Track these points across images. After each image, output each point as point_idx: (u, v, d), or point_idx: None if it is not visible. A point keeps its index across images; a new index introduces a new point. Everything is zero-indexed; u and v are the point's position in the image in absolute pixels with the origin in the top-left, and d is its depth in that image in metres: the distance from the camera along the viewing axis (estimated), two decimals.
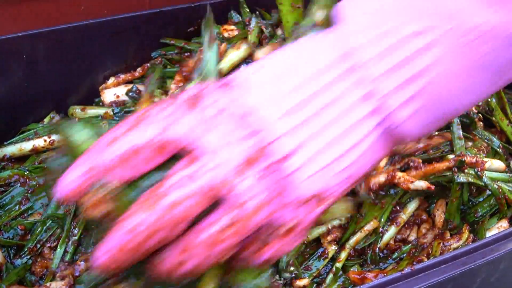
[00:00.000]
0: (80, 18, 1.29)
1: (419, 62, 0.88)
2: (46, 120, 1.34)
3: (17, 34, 1.25)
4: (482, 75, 0.92)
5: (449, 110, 0.94)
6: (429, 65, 0.89)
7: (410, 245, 1.16)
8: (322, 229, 1.12)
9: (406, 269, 0.99)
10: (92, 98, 1.38)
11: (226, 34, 1.36)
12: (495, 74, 0.93)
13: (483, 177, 1.15)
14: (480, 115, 1.32)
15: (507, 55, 0.90)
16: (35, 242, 1.12)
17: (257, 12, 1.44)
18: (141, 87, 1.34)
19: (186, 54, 1.40)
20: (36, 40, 1.27)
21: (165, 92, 1.32)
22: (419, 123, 0.91)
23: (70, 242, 1.09)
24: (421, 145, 1.20)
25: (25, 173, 1.20)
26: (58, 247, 1.09)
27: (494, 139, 1.28)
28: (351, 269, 1.12)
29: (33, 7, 1.34)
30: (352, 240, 1.12)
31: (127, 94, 1.31)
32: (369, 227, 1.12)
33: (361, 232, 1.12)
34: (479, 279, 1.08)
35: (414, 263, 1.05)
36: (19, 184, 1.18)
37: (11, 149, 1.25)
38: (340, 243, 1.14)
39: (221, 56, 1.23)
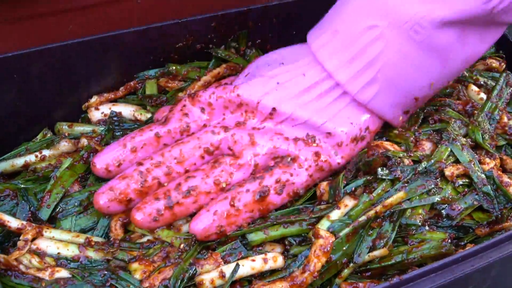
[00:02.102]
0: (69, 37, 1.27)
1: (372, 51, 1.10)
2: (39, 136, 1.32)
3: (7, 54, 1.23)
4: (430, 56, 1.11)
5: (413, 89, 1.16)
6: (380, 51, 1.10)
7: None
8: None
9: (395, 278, 0.96)
10: (77, 114, 1.37)
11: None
12: (441, 55, 1.12)
13: None
14: None
15: (443, 38, 1.09)
16: None
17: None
18: (121, 109, 1.33)
19: (170, 76, 1.40)
20: (27, 59, 1.25)
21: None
22: (387, 101, 1.15)
23: None
24: None
25: (19, 186, 1.18)
26: None
27: None
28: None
29: (21, 27, 1.32)
30: (359, 261, 1.09)
31: (109, 120, 1.29)
32: (377, 253, 1.09)
33: (369, 256, 1.09)
34: (470, 286, 1.05)
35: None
36: (9, 199, 1.16)
37: (3, 165, 1.23)
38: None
39: None
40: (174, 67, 1.40)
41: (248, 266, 1.05)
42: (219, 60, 1.43)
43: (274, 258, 1.07)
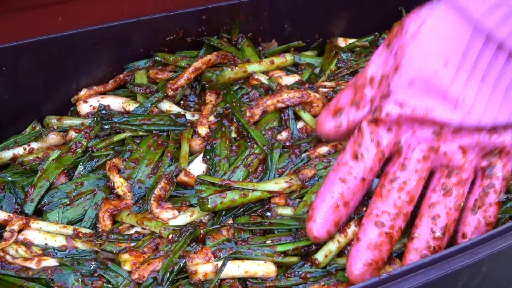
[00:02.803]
0: (58, 30, 1.26)
1: None
2: (28, 129, 1.31)
3: None
4: None
5: None
6: None
7: None
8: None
9: (384, 274, 0.95)
10: (66, 107, 1.36)
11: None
12: None
13: None
14: None
15: None
16: None
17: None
18: (109, 101, 1.32)
19: (159, 67, 1.39)
20: (16, 52, 1.24)
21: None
22: None
23: None
24: None
25: (6, 179, 1.17)
26: None
27: None
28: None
29: (10, 19, 1.31)
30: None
31: (97, 113, 1.28)
32: None
33: None
34: (460, 282, 1.05)
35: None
36: None
37: None
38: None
39: None
40: (162, 56, 1.39)
41: (242, 269, 1.04)
42: (210, 49, 1.42)
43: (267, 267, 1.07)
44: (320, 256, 1.09)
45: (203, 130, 1.25)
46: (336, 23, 1.58)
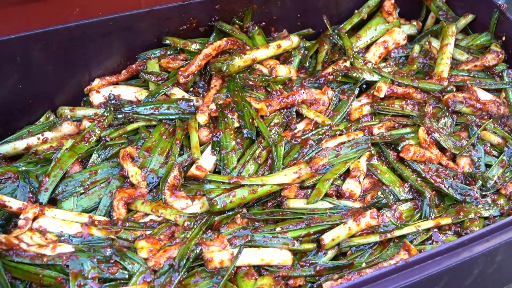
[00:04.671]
0: (74, 19, 1.25)
1: None
2: (42, 119, 1.30)
3: (10, 36, 1.20)
4: None
5: None
6: None
7: None
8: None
9: (401, 261, 0.95)
10: (79, 97, 1.35)
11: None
12: None
13: None
14: None
15: None
16: None
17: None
18: (121, 91, 1.31)
19: (171, 56, 1.38)
20: (30, 41, 1.22)
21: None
22: None
23: None
24: None
25: (20, 169, 1.16)
26: None
27: None
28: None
29: (27, 9, 1.30)
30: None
31: (107, 103, 1.27)
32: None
33: None
34: (476, 270, 1.04)
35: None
36: (10, 182, 1.15)
37: (5, 148, 1.21)
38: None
39: None
40: (172, 40, 1.37)
41: (258, 257, 1.04)
42: (220, 34, 1.40)
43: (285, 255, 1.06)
44: (327, 238, 1.08)
45: (202, 118, 1.23)
46: (347, 13, 1.57)
